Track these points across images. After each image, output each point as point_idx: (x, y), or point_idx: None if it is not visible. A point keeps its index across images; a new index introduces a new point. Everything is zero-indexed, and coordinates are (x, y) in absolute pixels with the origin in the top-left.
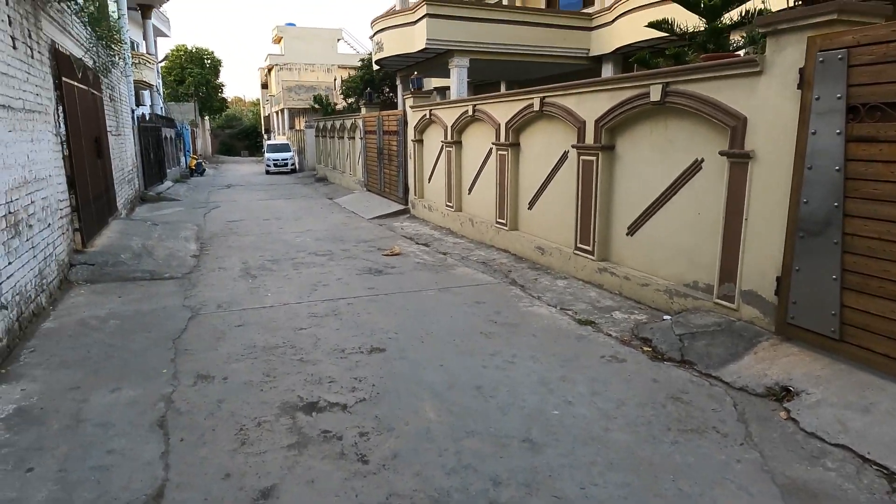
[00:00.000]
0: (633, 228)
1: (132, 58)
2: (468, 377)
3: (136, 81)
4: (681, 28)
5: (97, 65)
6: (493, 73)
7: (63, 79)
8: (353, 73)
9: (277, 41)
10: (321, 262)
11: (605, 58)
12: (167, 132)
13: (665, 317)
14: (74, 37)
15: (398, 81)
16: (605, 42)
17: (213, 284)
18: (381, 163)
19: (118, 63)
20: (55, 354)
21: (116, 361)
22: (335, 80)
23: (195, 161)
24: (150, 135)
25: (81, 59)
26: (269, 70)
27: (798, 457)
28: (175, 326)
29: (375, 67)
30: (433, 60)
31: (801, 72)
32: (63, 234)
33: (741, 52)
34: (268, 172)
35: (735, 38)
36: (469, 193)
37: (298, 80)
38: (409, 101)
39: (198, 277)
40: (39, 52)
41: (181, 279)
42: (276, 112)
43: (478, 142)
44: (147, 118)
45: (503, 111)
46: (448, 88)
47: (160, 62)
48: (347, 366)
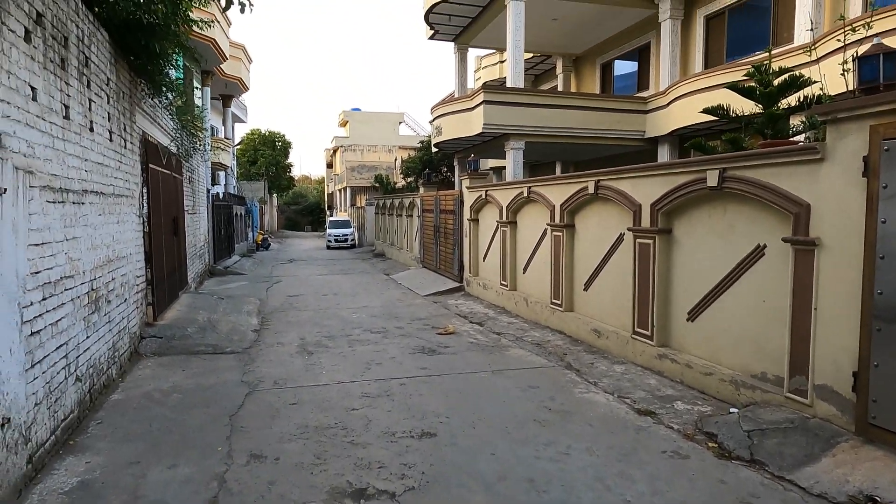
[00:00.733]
0: (694, 314)
1: (211, 142)
2: (520, 468)
3: (213, 163)
4: (736, 113)
5: (180, 151)
6: (549, 154)
7: (150, 165)
8: (413, 154)
9: (343, 124)
10: (375, 340)
11: (661, 139)
12: (238, 209)
13: (731, 410)
14: (162, 127)
15: (455, 162)
16: (661, 124)
17: (271, 360)
18: (438, 240)
19: (199, 149)
20: (120, 427)
21: (175, 437)
22: (396, 160)
23: (262, 236)
24: (223, 212)
25: (167, 147)
26: (335, 151)
27: None
28: (232, 402)
29: (434, 149)
30: (490, 143)
31: (866, 160)
32: (137, 308)
33: (801, 138)
34: (328, 247)
35: (794, 123)
36: (524, 273)
37: (361, 160)
38: (466, 182)
39: (257, 352)
40: (131, 143)
41: (241, 354)
42: (340, 190)
43: (533, 222)
44: (221, 197)
45: (558, 193)
46: (504, 168)
47: (236, 145)
48: (398, 450)
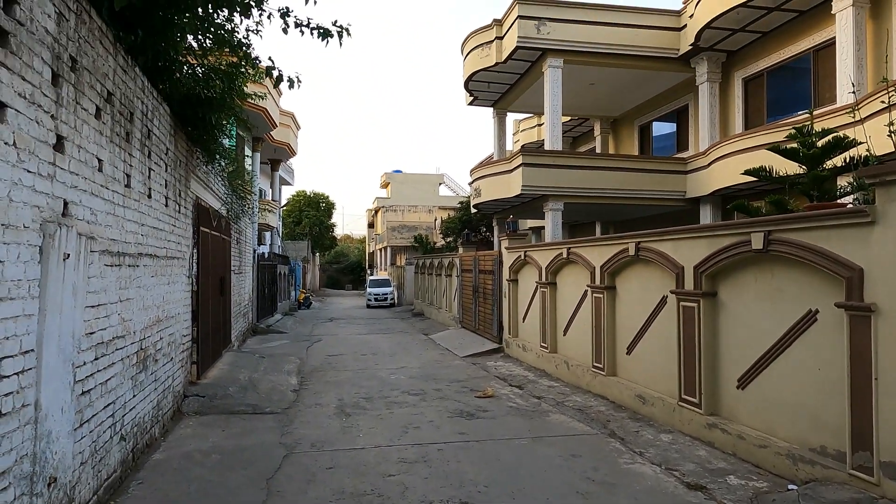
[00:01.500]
0: (744, 381)
1: (259, 204)
2: None
3: (260, 224)
4: (779, 174)
5: (230, 213)
6: (588, 215)
7: (201, 227)
8: (452, 214)
9: (385, 185)
10: (413, 402)
11: (703, 200)
12: (281, 268)
13: (790, 486)
14: (214, 191)
15: (494, 222)
16: (702, 185)
17: (309, 421)
18: (476, 301)
19: (247, 211)
20: (160, 489)
21: (213, 500)
22: (435, 220)
23: (303, 295)
24: (267, 271)
25: (218, 210)
26: (376, 211)
27: None
28: (270, 465)
29: (473, 210)
30: (528, 204)
31: None
32: (182, 367)
33: (848, 199)
34: (368, 306)
35: (841, 184)
36: (564, 335)
37: (401, 221)
38: (505, 243)
39: (295, 413)
40: (185, 207)
41: (280, 414)
42: (380, 249)
43: (572, 283)
44: (266, 256)
45: (597, 255)
46: (543, 228)
47: (282, 207)
48: None
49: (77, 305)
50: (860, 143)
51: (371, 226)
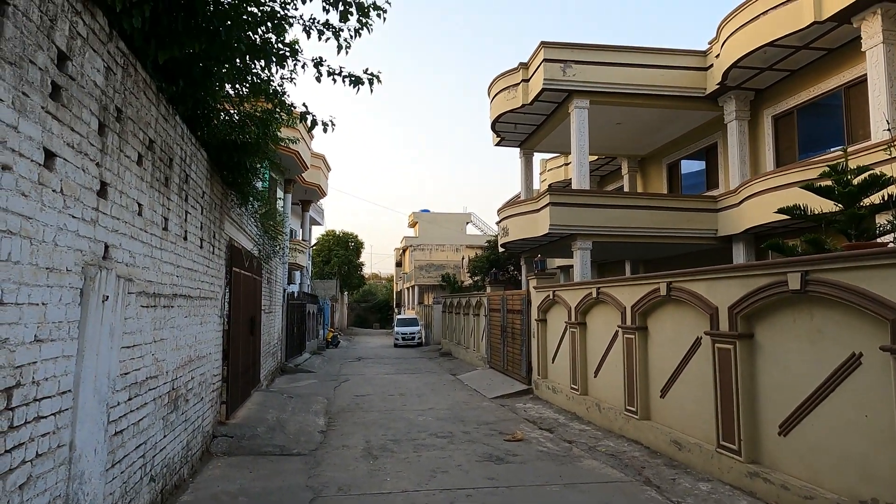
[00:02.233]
0: (786, 427)
1: (289, 244)
2: None
3: (290, 264)
4: (814, 212)
5: (261, 254)
6: (617, 253)
7: (233, 268)
8: (480, 253)
9: (413, 225)
10: (441, 445)
11: (735, 238)
12: (310, 307)
13: None
14: (247, 232)
15: (522, 261)
16: (734, 223)
17: (336, 464)
18: (505, 341)
19: (278, 252)
20: None
21: None
22: (463, 259)
23: (332, 334)
24: (296, 311)
25: (250, 251)
26: (404, 250)
27: None
28: None
29: (501, 249)
30: (556, 243)
31: None
32: (212, 407)
33: (889, 238)
34: (396, 345)
35: (880, 223)
36: (595, 376)
37: (429, 260)
38: (533, 282)
39: (323, 455)
40: (219, 248)
41: (307, 456)
42: (408, 288)
43: (603, 323)
44: (295, 295)
45: (628, 295)
46: (571, 267)
47: (312, 246)
48: None
49: (113, 346)
50: None
51: (399, 265)
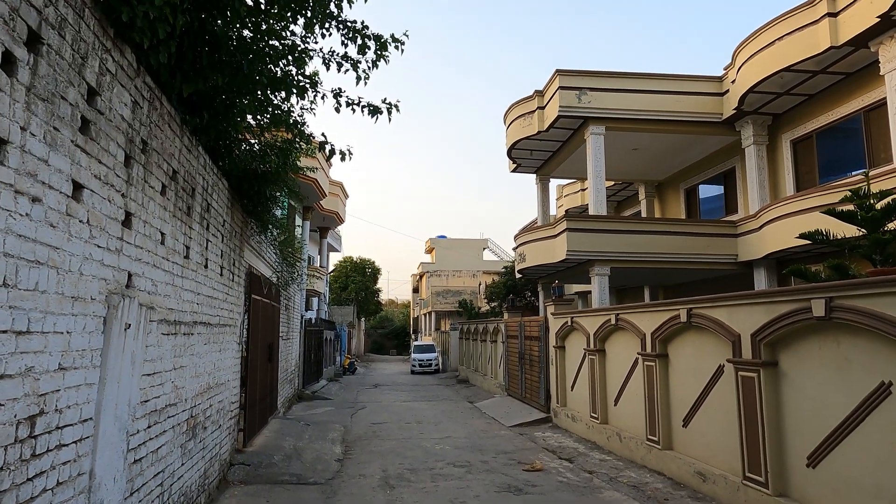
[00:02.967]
0: (815, 459)
1: (307, 271)
2: None
3: (308, 290)
4: (836, 237)
5: (280, 281)
6: (636, 279)
7: (252, 295)
8: (497, 279)
9: (429, 251)
10: (459, 475)
11: (756, 263)
12: (327, 334)
13: None
14: (266, 260)
15: (540, 287)
16: (754, 248)
17: (353, 493)
18: (523, 368)
19: (296, 278)
20: None
21: None
22: (480, 285)
23: (349, 360)
24: (314, 337)
25: (269, 278)
26: (421, 276)
27: None
28: None
29: (518, 275)
30: (574, 269)
31: None
32: (229, 435)
33: None
34: (413, 372)
35: None
36: (615, 405)
37: (446, 286)
38: (551, 308)
39: (339, 484)
40: (238, 276)
41: (324, 485)
42: (425, 314)
43: (622, 350)
44: (313, 322)
45: (647, 321)
46: (589, 293)
47: (329, 273)
48: None
49: (134, 374)
50: None
51: (416, 291)
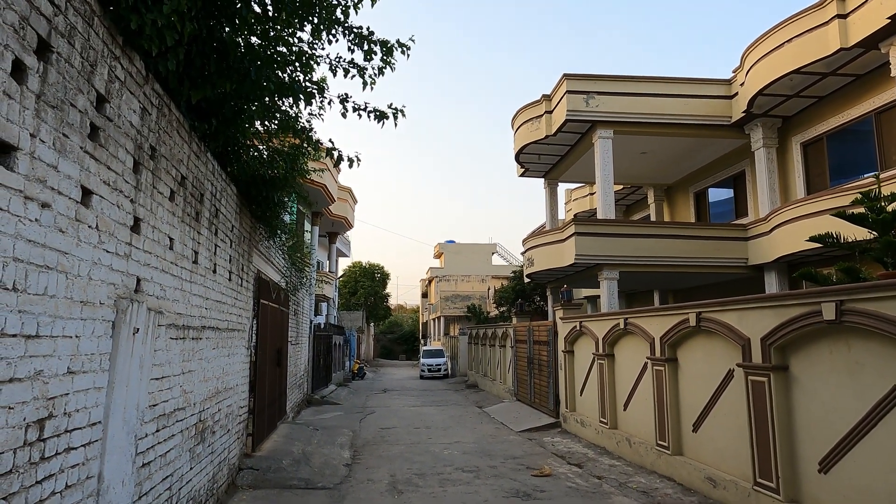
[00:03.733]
0: (826, 464)
1: (316, 276)
2: None
3: (317, 295)
4: (847, 240)
5: (288, 286)
6: (645, 283)
7: (261, 300)
8: (506, 283)
9: (438, 256)
10: (467, 480)
11: (767, 267)
12: (336, 339)
13: None
14: (275, 265)
15: (548, 292)
16: (765, 251)
17: (362, 498)
18: (532, 372)
19: (305, 283)
20: None
21: None
22: (489, 290)
23: (358, 365)
24: (323, 342)
25: (277, 283)
26: (430, 281)
27: None
28: None
29: (527, 280)
30: (583, 273)
31: None
32: (238, 439)
33: None
34: (422, 377)
35: None
36: (625, 410)
37: (455, 290)
38: (559, 313)
39: (347, 489)
40: (247, 281)
41: (332, 490)
42: (434, 319)
43: (631, 355)
44: (322, 327)
45: (656, 325)
46: (598, 297)
47: (339, 278)
48: None
49: (143, 378)
50: None
51: (425, 296)
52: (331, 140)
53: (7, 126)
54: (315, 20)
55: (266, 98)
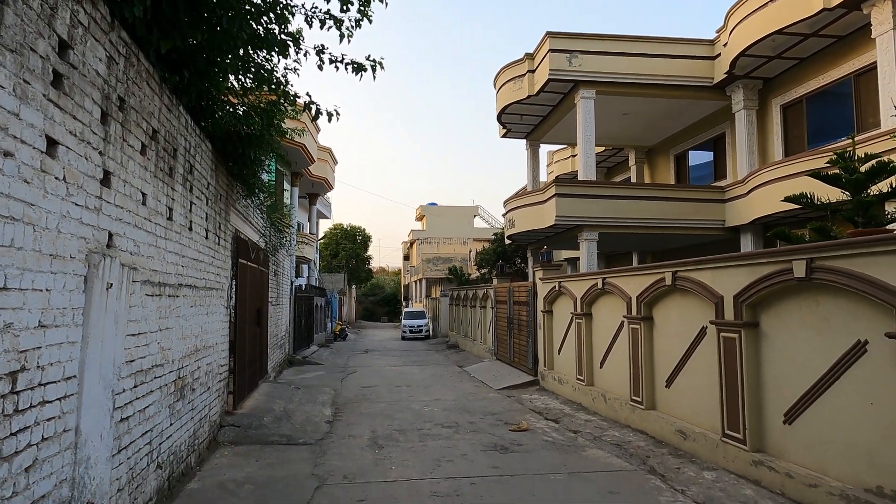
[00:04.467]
0: (791, 416)
1: (296, 237)
2: None
3: (298, 257)
4: (821, 201)
5: (268, 246)
6: (624, 245)
7: (239, 259)
8: (487, 246)
9: (420, 218)
10: (447, 435)
11: (743, 228)
12: (318, 300)
13: None
14: (253, 224)
15: (529, 253)
16: (742, 213)
17: (342, 453)
18: (511, 332)
19: (285, 244)
20: None
21: None
22: (470, 252)
23: (339, 327)
24: (304, 303)
25: (256, 243)
26: (412, 244)
27: None
28: (301, 497)
29: (508, 241)
30: (563, 234)
31: None
32: (219, 397)
33: None
34: (403, 338)
35: (889, 210)
36: (601, 367)
37: (436, 253)
38: (539, 274)
39: (329, 444)
40: (224, 240)
41: (314, 445)
42: (415, 281)
43: (608, 314)
44: (303, 288)
45: (633, 285)
46: (578, 259)
47: (319, 240)
48: None
49: (118, 334)
50: None
51: (406, 258)
52: (308, 94)
53: None
54: None
55: (240, 50)
